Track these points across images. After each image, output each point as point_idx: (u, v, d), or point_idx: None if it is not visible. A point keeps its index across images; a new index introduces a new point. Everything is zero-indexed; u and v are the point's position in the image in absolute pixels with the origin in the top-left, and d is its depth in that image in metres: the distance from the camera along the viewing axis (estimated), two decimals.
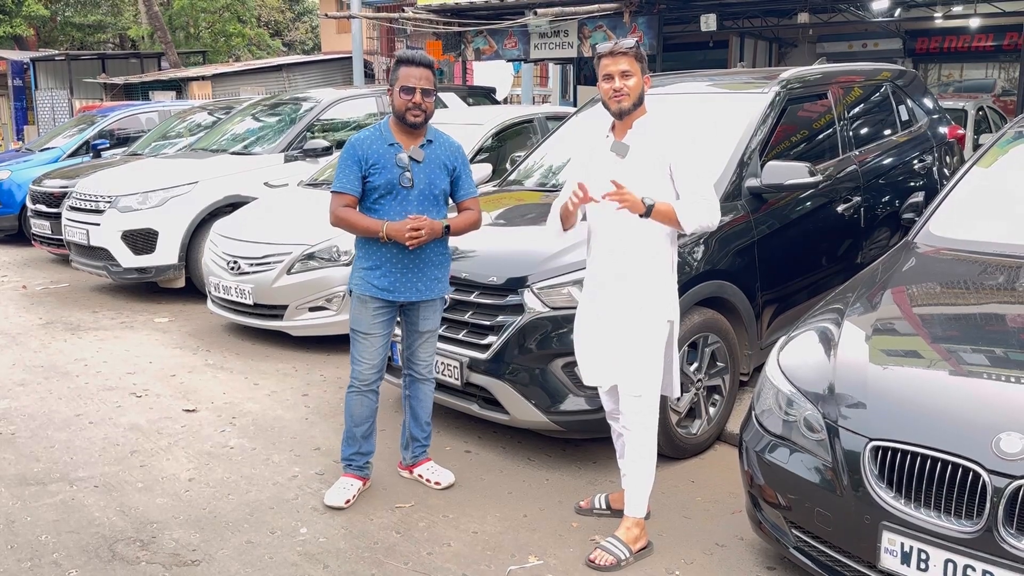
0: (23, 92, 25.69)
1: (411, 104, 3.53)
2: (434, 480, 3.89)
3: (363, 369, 3.70)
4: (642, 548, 3.29)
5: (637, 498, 3.31)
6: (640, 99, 3.25)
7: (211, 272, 6.36)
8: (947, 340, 3.03)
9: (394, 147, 3.59)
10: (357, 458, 3.80)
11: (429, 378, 3.87)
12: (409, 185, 3.56)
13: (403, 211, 3.56)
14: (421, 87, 3.53)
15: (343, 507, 3.68)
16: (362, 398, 3.73)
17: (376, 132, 3.64)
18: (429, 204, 3.62)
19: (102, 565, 3.26)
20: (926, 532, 2.42)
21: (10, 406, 4.98)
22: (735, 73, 6.19)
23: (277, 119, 8.66)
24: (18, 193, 10.45)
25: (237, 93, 18.84)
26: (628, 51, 3.21)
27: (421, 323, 3.75)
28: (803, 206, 4.75)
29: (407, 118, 3.56)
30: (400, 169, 3.56)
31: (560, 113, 7.54)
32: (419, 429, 3.90)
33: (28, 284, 8.51)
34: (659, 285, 3.24)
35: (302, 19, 38.92)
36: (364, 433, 3.77)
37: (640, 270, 3.22)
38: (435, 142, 3.69)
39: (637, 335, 3.22)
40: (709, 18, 10.88)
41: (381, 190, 3.55)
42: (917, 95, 6.26)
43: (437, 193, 3.65)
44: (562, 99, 17.13)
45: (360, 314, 3.67)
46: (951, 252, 3.66)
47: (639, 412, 3.24)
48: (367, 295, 3.63)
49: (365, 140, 3.61)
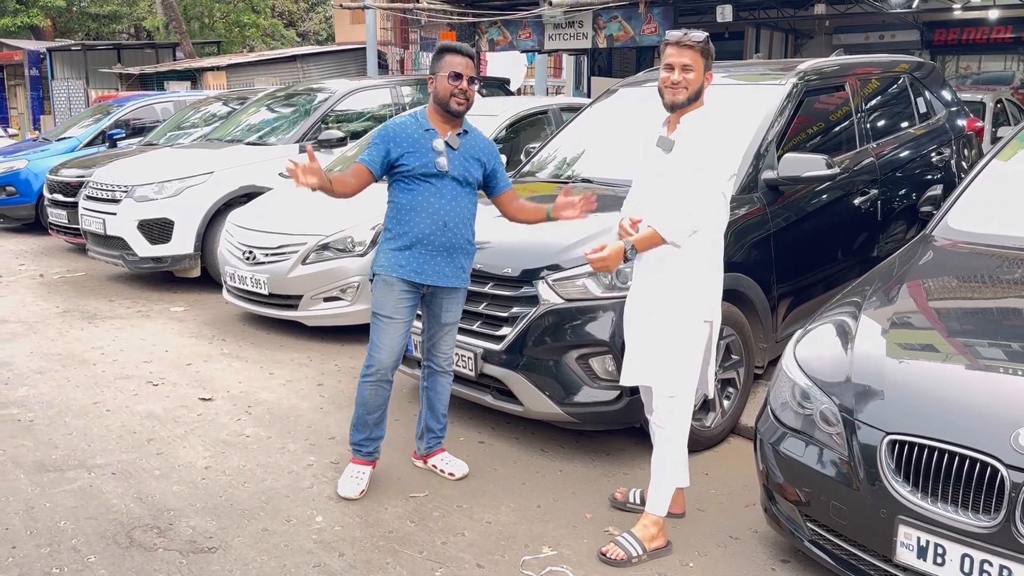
0: (40, 82, 25.86)
1: (457, 90, 3.53)
2: (448, 471, 3.90)
3: (383, 356, 3.64)
4: (658, 548, 3.25)
5: (658, 496, 3.28)
6: (697, 95, 3.15)
7: (226, 262, 6.40)
8: (965, 334, 3.01)
9: (430, 132, 3.59)
10: (367, 444, 3.78)
11: (449, 371, 3.87)
12: (444, 170, 3.56)
13: (438, 195, 3.56)
14: (468, 75, 3.54)
15: (357, 498, 3.70)
16: (377, 387, 3.68)
17: (413, 119, 3.64)
18: (463, 192, 3.62)
19: (120, 551, 3.30)
20: (943, 526, 2.41)
21: (28, 393, 5.02)
22: (751, 64, 6.16)
23: (292, 110, 8.68)
24: (35, 182, 10.52)
25: (251, 83, 18.91)
26: (695, 45, 3.10)
27: (444, 314, 3.74)
28: (820, 199, 4.73)
29: (451, 105, 3.55)
30: (436, 153, 3.55)
31: (575, 104, 7.52)
32: (435, 420, 3.91)
33: (45, 273, 8.58)
34: (695, 284, 3.17)
35: (316, 9, 38.93)
36: (376, 420, 3.75)
37: (674, 269, 3.15)
38: (471, 134, 3.69)
39: (672, 335, 3.18)
40: (725, 9, 10.81)
41: (415, 172, 3.54)
42: (935, 87, 6.21)
43: (471, 182, 3.64)
44: (575, 90, 17.08)
45: (385, 296, 3.63)
46: (969, 246, 3.64)
47: (671, 412, 3.22)
48: (394, 276, 3.60)
49: (401, 125, 3.61)
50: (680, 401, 3.21)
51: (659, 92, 3.21)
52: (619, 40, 11.33)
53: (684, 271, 3.15)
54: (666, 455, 3.26)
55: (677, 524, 3.46)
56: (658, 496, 3.28)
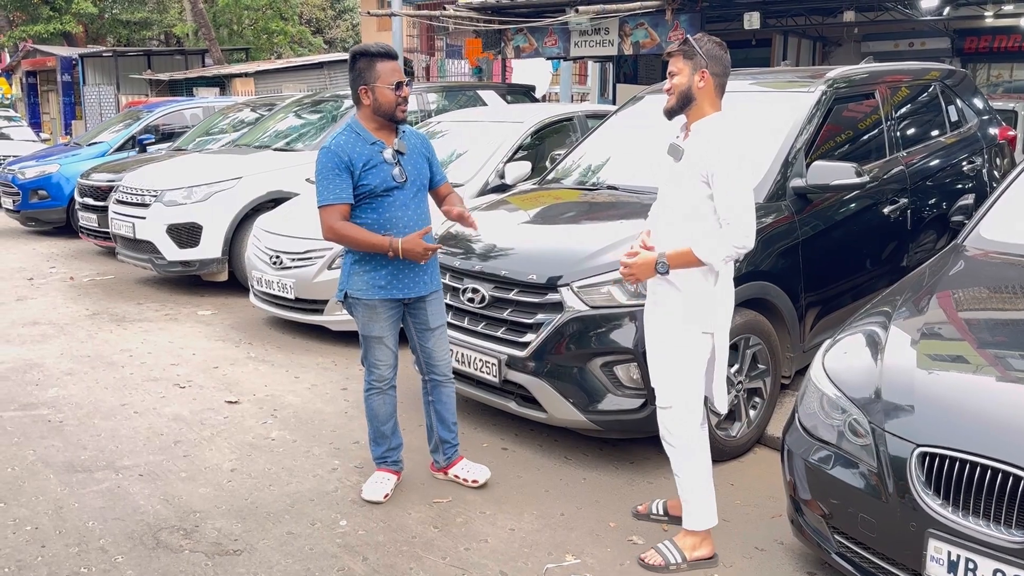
0: (71, 87, 26.27)
1: (401, 99, 3.46)
2: (471, 478, 3.87)
3: (382, 371, 3.67)
4: (702, 558, 3.20)
5: (688, 510, 3.23)
6: (686, 99, 3.09)
7: (254, 266, 6.45)
8: (997, 345, 2.97)
9: (377, 145, 3.48)
10: (390, 454, 3.81)
11: (450, 378, 3.83)
12: (403, 180, 3.49)
13: (401, 207, 3.49)
14: (405, 80, 3.48)
15: (381, 501, 3.71)
16: (383, 397, 3.71)
17: (352, 134, 3.49)
18: (421, 197, 3.57)
19: (147, 552, 3.33)
20: (974, 541, 2.37)
21: (58, 394, 5.09)
22: (780, 72, 6.11)
23: (319, 116, 8.75)
24: (66, 186, 10.69)
25: (279, 90, 19.09)
26: (676, 50, 3.09)
27: (431, 319, 3.69)
28: (849, 207, 4.68)
29: (396, 114, 3.48)
30: (390, 165, 3.48)
31: (600, 111, 7.51)
32: (447, 431, 3.87)
33: (75, 275, 8.70)
34: (694, 295, 3.10)
35: (343, 17, 39.26)
36: (391, 430, 3.77)
37: (679, 280, 3.11)
38: (407, 133, 3.61)
39: (668, 346, 3.16)
40: (752, 16, 10.74)
41: (377, 190, 3.44)
42: (967, 95, 6.14)
43: (424, 183, 3.61)
44: (600, 97, 17.06)
45: (371, 320, 3.59)
46: (1001, 256, 3.59)
47: (669, 423, 3.20)
48: (375, 299, 3.55)
49: (346, 144, 3.44)
50: (677, 414, 3.16)
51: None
52: (645, 47, 11.30)
53: (684, 281, 3.10)
54: (680, 470, 3.23)
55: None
56: (688, 510, 3.23)
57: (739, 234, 2.96)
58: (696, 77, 3.06)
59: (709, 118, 3.09)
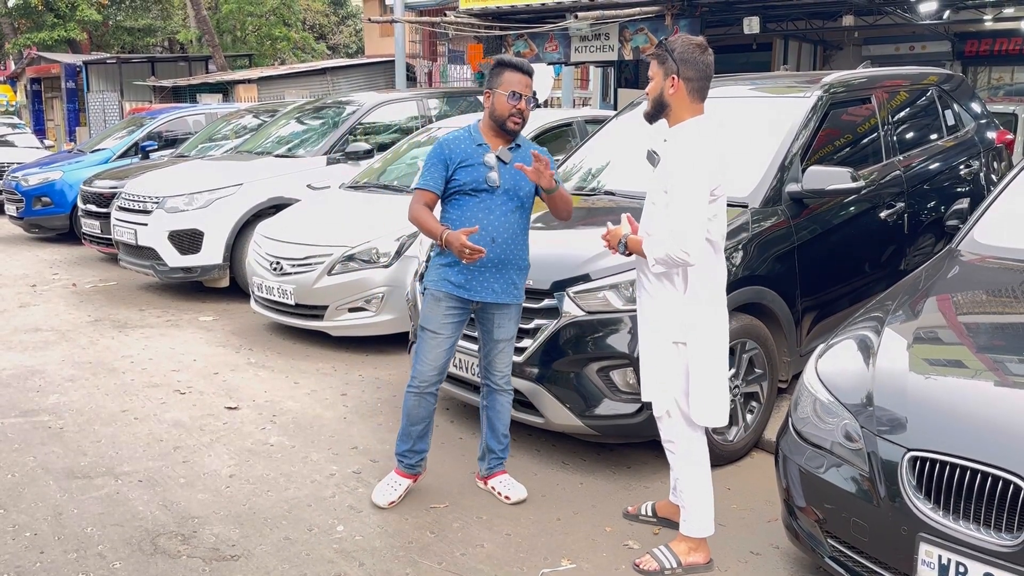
0: (76, 94, 26.43)
1: (516, 110, 3.53)
2: (505, 494, 3.82)
3: (425, 369, 3.66)
4: (696, 564, 3.21)
5: (686, 516, 3.24)
6: (660, 105, 3.08)
7: (254, 272, 6.48)
8: (990, 350, 2.98)
9: (482, 147, 3.58)
10: (410, 455, 3.79)
11: (508, 389, 3.81)
12: (495, 185, 3.54)
13: (487, 210, 3.54)
14: (527, 94, 3.55)
15: (385, 508, 3.72)
16: (420, 399, 3.70)
17: (466, 133, 3.63)
18: (513, 206, 3.59)
19: (144, 558, 3.35)
20: (965, 545, 2.38)
21: (59, 401, 5.12)
22: (777, 77, 6.13)
23: (320, 122, 8.78)
24: (70, 193, 10.73)
25: (282, 96, 19.14)
26: (651, 56, 3.12)
27: (496, 330, 3.69)
28: (845, 212, 4.70)
29: (508, 124, 3.55)
30: (487, 168, 3.54)
31: (599, 116, 7.53)
32: (496, 441, 3.86)
33: (78, 282, 8.74)
34: (666, 304, 3.10)
35: (346, 23, 39.40)
36: (420, 433, 3.76)
37: (652, 287, 3.15)
38: (523, 147, 3.66)
39: (651, 354, 3.19)
40: (752, 20, 10.77)
41: (467, 188, 3.54)
42: (964, 99, 6.15)
43: (523, 195, 3.61)
44: (602, 102, 17.08)
45: (432, 311, 3.65)
46: (996, 260, 3.59)
47: (666, 432, 3.23)
48: (441, 291, 3.61)
49: (454, 140, 3.60)
50: (673, 421, 3.18)
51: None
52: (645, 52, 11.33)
53: (656, 289, 3.14)
54: (680, 476, 3.25)
55: None
56: (686, 516, 3.23)
57: (676, 246, 2.91)
58: (667, 83, 3.03)
59: (684, 124, 3.06)
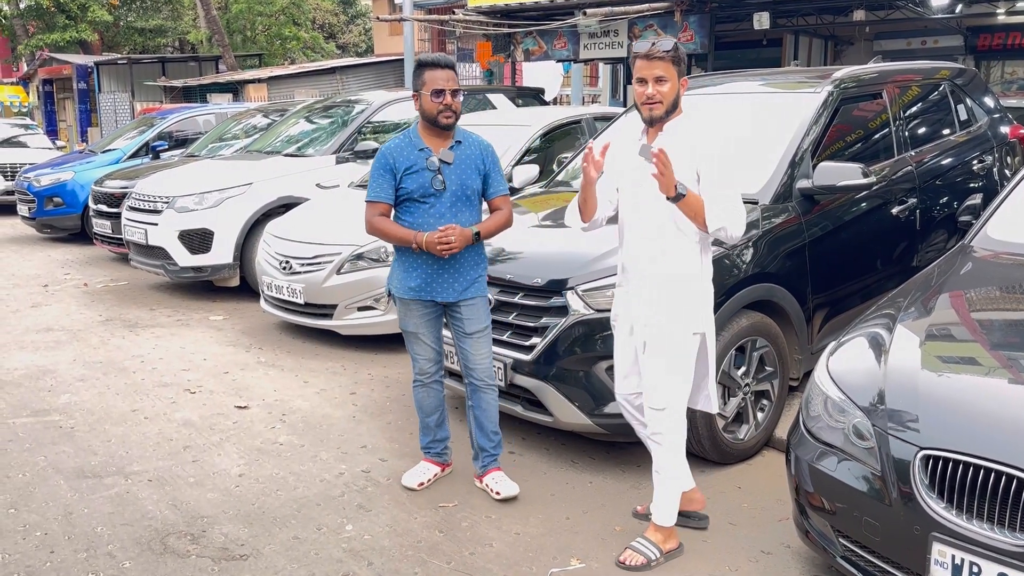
0: (87, 95, 26.55)
1: (443, 106, 3.55)
2: (495, 490, 3.83)
3: (422, 364, 3.84)
4: (672, 549, 3.28)
5: (663, 507, 3.27)
6: (674, 105, 3.12)
7: (264, 271, 6.49)
8: (1004, 347, 2.94)
9: (424, 151, 3.61)
10: (434, 445, 3.96)
11: (491, 385, 3.82)
12: (441, 188, 3.58)
13: (436, 214, 3.58)
14: (450, 88, 3.55)
15: (415, 489, 3.85)
16: (426, 390, 3.87)
17: (405, 139, 3.67)
18: (462, 206, 3.63)
19: (154, 557, 3.35)
20: (978, 544, 2.35)
21: (70, 400, 5.14)
22: (787, 72, 6.09)
23: (329, 121, 8.79)
24: (81, 193, 10.78)
25: (292, 95, 19.18)
26: (665, 55, 3.04)
27: (466, 324, 3.74)
28: (857, 208, 4.66)
29: (439, 120, 3.58)
30: (431, 173, 3.58)
31: (608, 113, 7.51)
32: (485, 439, 3.87)
33: (89, 282, 8.78)
34: (686, 295, 3.13)
35: (355, 22, 39.42)
36: (436, 422, 3.92)
37: (666, 278, 3.14)
38: (464, 143, 3.68)
39: (661, 346, 3.16)
40: (762, 16, 10.70)
41: (415, 195, 3.58)
42: (977, 94, 6.09)
43: (470, 194, 3.65)
44: (612, 99, 17.05)
45: (405, 315, 3.78)
46: (1010, 257, 3.55)
47: (661, 424, 3.21)
48: (405, 297, 3.72)
49: (395, 147, 3.64)
50: (670, 414, 3.19)
51: (636, 107, 3.21)
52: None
53: (677, 280, 3.12)
54: (663, 469, 3.26)
55: (708, 538, 3.43)
56: (663, 507, 3.27)
57: (739, 226, 3.07)
58: (680, 84, 3.14)
59: (682, 117, 3.18)
